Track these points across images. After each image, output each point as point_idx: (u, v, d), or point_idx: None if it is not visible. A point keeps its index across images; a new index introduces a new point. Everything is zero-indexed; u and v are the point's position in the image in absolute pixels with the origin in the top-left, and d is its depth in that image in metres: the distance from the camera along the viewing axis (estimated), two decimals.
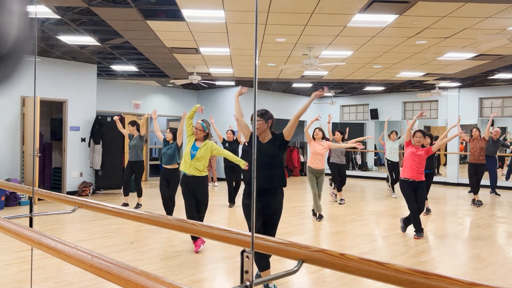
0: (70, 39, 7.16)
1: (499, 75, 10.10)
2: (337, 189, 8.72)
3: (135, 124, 7.56)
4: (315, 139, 6.92)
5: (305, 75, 10.34)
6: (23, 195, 7.86)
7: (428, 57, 8.21)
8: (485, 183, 9.42)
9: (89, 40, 7.16)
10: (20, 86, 8.11)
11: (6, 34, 0.53)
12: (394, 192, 9.60)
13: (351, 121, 15.44)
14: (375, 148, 15.42)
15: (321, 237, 5.84)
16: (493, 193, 9.90)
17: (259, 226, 3.56)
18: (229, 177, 8.25)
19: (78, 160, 9.36)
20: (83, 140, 9.45)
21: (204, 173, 4.86)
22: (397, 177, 9.26)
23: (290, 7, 5.34)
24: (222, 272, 4.13)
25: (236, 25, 6.16)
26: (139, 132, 7.51)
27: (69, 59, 9.07)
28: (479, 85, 12.08)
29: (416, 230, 5.74)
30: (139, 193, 7.64)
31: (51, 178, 9.76)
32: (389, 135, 9.43)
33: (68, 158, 9.18)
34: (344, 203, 8.56)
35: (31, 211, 2.14)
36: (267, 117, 3.60)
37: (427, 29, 6.22)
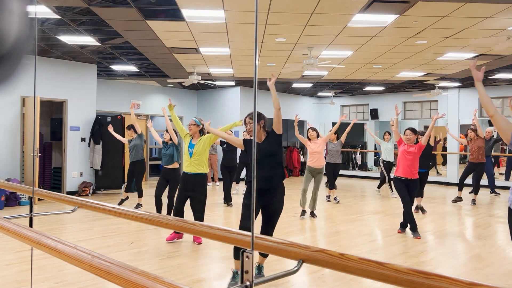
0: (70, 39, 7.16)
1: (499, 75, 10.09)
2: (330, 187, 8.85)
3: (131, 127, 7.60)
4: (310, 139, 7.07)
5: (305, 75, 10.34)
6: (23, 195, 7.86)
7: (428, 57, 8.21)
8: (484, 182, 9.42)
9: (89, 40, 7.16)
10: (20, 86, 8.12)
11: (6, 34, 0.53)
12: (392, 191, 9.56)
13: (351, 121, 15.42)
14: (375, 148, 15.41)
15: (321, 237, 5.84)
16: (493, 193, 9.93)
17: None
18: (225, 177, 8.40)
19: (78, 160, 9.37)
20: (83, 140, 9.46)
21: (204, 170, 4.96)
22: (387, 176, 9.56)
23: (290, 7, 5.34)
24: (222, 272, 4.13)
25: (236, 25, 6.16)
26: (136, 133, 7.53)
27: (69, 59, 9.07)
28: None
29: (412, 229, 5.76)
30: (140, 194, 7.63)
31: (51, 178, 9.77)
32: (383, 135, 9.60)
33: (68, 158, 9.18)
34: (338, 201, 8.70)
35: (31, 211, 2.14)
36: (258, 119, 3.78)
37: (427, 29, 6.22)
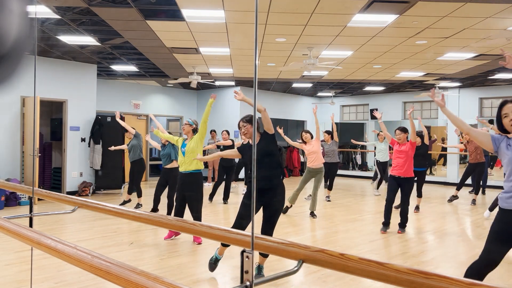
0: (70, 39, 7.16)
1: (499, 75, 10.09)
2: (328, 187, 8.98)
3: (127, 131, 7.68)
4: (306, 142, 7.22)
5: (305, 75, 10.34)
6: (23, 195, 7.86)
7: (428, 57, 8.20)
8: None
9: (89, 40, 7.16)
10: (20, 86, 8.12)
11: (6, 34, 0.53)
12: (377, 189, 10.09)
13: (351, 121, 15.45)
14: (375, 148, 15.41)
15: (321, 237, 5.84)
16: (483, 194, 10.08)
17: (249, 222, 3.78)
18: (221, 176, 8.60)
19: (78, 160, 9.36)
20: (83, 140, 9.46)
21: (198, 166, 5.06)
22: (386, 177, 9.68)
23: (290, 7, 5.34)
24: (222, 272, 4.13)
25: (236, 25, 6.16)
26: (133, 134, 7.57)
27: (69, 59, 9.07)
28: (479, 85, 12.08)
29: (383, 223, 5.96)
30: (139, 194, 7.64)
31: (51, 178, 9.76)
32: (377, 136, 9.76)
33: (68, 158, 9.18)
34: (330, 200, 8.87)
35: (31, 211, 2.14)
36: (252, 122, 3.80)
37: (427, 29, 6.22)
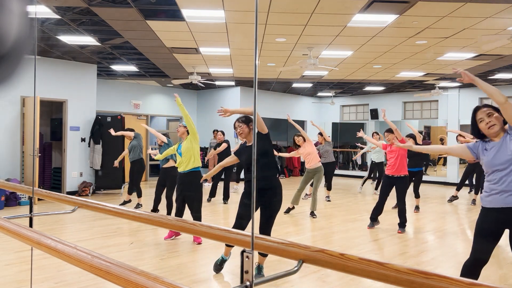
0: (70, 39, 7.16)
1: (499, 75, 10.09)
2: (327, 187, 9.05)
3: (127, 130, 7.76)
4: (299, 146, 7.36)
5: (305, 75, 10.34)
6: (23, 195, 7.86)
7: (428, 57, 8.20)
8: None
9: (89, 40, 7.16)
10: (20, 86, 8.11)
11: (6, 34, 0.53)
12: (361, 187, 10.58)
13: (351, 121, 15.44)
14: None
15: (321, 237, 5.84)
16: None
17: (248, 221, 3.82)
18: (218, 175, 8.66)
19: (78, 160, 9.36)
20: (83, 140, 9.46)
21: (195, 164, 5.11)
22: (379, 177, 10.04)
23: (290, 7, 5.34)
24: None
25: (236, 25, 6.16)
26: (135, 136, 7.59)
27: (69, 59, 9.07)
28: None
29: (370, 217, 6.13)
30: (139, 194, 7.64)
31: (51, 178, 9.76)
32: (371, 136, 9.81)
33: (68, 158, 9.18)
34: (330, 200, 8.93)
35: (31, 211, 2.14)
36: (247, 122, 3.84)
37: (427, 29, 6.22)
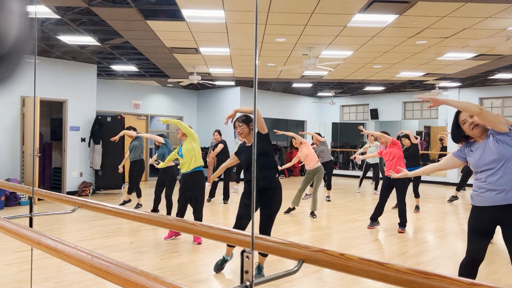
0: (70, 39, 7.16)
1: (499, 75, 10.09)
2: (327, 187, 9.09)
3: (131, 128, 7.75)
4: (297, 148, 7.40)
5: (305, 75, 10.34)
6: (23, 195, 7.86)
7: (428, 57, 8.20)
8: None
9: (89, 40, 7.16)
10: (20, 86, 8.12)
11: (6, 34, 0.53)
12: (359, 188, 10.70)
13: (351, 121, 15.44)
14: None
15: (321, 237, 5.84)
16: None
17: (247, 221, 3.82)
18: (218, 176, 8.52)
19: (78, 160, 9.36)
20: (83, 140, 9.45)
21: (198, 163, 5.13)
22: (377, 177, 10.36)
23: (290, 7, 5.34)
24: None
25: (236, 25, 6.16)
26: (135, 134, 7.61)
27: (69, 59, 9.07)
28: (479, 85, 12.08)
29: (371, 218, 6.22)
30: (139, 194, 7.64)
31: (51, 178, 9.76)
32: (367, 137, 10.06)
33: (68, 158, 9.18)
34: (330, 200, 8.96)
35: (31, 211, 2.13)
36: (247, 121, 3.83)
37: (427, 29, 6.22)
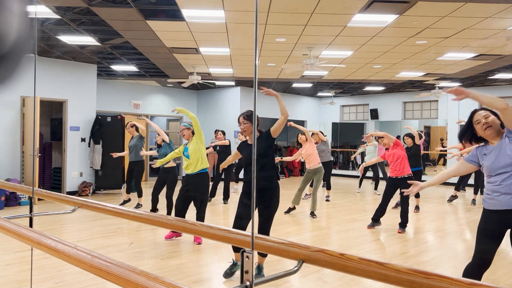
0: (70, 39, 7.16)
1: (499, 75, 10.09)
2: (326, 187, 9.10)
3: (134, 125, 7.67)
4: (302, 145, 7.33)
5: (305, 75, 10.34)
6: (23, 195, 7.86)
7: (428, 57, 8.20)
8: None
9: (89, 40, 7.16)
10: (20, 86, 8.12)
11: (6, 34, 0.53)
12: (359, 188, 10.73)
13: (351, 121, 15.44)
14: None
15: (321, 237, 5.84)
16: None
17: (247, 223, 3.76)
18: (218, 176, 8.60)
19: (78, 160, 9.36)
20: (83, 140, 9.45)
21: (203, 165, 5.05)
22: (376, 177, 10.29)
23: (290, 7, 5.34)
24: (222, 272, 4.12)
25: (236, 25, 6.16)
26: (138, 132, 7.57)
27: (69, 59, 9.07)
28: (479, 85, 12.08)
29: (372, 218, 6.18)
30: (139, 194, 7.64)
31: (51, 178, 9.76)
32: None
33: (68, 158, 9.18)
34: (329, 200, 8.95)
35: (31, 211, 2.13)
36: (252, 119, 3.73)
37: (427, 29, 6.22)
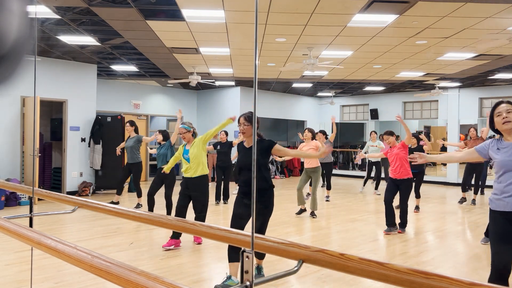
0: (70, 39, 7.16)
1: (499, 75, 10.09)
2: (327, 187, 9.04)
3: (133, 124, 7.61)
4: (304, 141, 7.20)
5: (305, 75, 10.34)
6: (23, 195, 7.86)
7: (428, 57, 8.20)
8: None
9: (89, 40, 7.16)
10: (20, 86, 8.11)
11: (6, 34, 0.53)
12: (363, 187, 10.46)
13: (351, 121, 15.44)
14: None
15: (321, 237, 5.84)
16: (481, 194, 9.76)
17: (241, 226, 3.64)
18: (219, 176, 8.57)
19: (78, 160, 9.36)
20: (83, 140, 9.46)
21: (204, 171, 4.96)
22: (378, 176, 10.05)
23: (290, 7, 5.34)
24: (222, 272, 4.12)
25: (236, 25, 6.16)
26: (136, 133, 7.54)
27: (69, 59, 9.07)
28: (479, 85, 12.08)
29: (387, 224, 5.98)
30: (139, 194, 7.64)
31: (51, 178, 9.76)
32: (370, 135, 9.92)
33: (68, 158, 9.18)
34: (329, 200, 8.90)
35: (31, 211, 2.13)
36: (253, 121, 3.70)
37: (427, 29, 6.22)
